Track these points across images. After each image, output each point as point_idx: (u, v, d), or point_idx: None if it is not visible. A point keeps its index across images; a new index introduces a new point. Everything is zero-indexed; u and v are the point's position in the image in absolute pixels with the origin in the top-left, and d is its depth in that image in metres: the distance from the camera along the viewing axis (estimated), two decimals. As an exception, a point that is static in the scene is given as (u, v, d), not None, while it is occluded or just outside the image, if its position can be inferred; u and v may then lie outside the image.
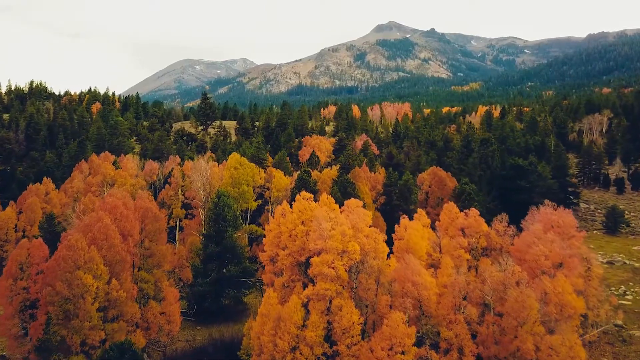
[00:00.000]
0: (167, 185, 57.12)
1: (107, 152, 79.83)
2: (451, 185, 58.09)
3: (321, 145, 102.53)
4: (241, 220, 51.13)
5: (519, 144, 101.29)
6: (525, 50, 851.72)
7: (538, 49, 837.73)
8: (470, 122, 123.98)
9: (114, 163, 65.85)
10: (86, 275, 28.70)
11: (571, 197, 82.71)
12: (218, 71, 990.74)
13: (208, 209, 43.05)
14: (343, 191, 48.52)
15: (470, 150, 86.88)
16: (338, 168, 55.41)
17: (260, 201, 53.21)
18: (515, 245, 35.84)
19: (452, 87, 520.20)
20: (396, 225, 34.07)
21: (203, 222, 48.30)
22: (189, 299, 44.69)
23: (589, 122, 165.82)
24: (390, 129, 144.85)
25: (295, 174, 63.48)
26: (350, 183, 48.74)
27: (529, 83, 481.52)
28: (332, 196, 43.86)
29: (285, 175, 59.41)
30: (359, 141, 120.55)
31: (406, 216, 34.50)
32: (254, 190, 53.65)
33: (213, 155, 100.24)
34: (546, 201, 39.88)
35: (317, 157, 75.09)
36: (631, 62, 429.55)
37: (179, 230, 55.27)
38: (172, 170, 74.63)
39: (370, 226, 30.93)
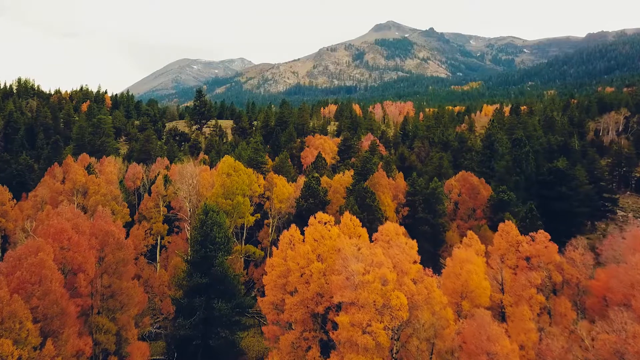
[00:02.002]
0: (146, 195, 47.79)
1: (84, 153, 70.39)
2: (485, 194, 49.00)
3: (325, 146, 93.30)
4: (235, 239, 41.98)
5: (541, 143, 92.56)
6: (525, 49, 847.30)
7: (537, 48, 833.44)
8: (493, 120, 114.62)
9: (88, 167, 56.46)
10: (3, 341, 19.44)
11: (607, 204, 74.06)
12: (216, 71, 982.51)
13: (193, 227, 33.97)
14: (361, 203, 39.38)
15: (493, 151, 77.88)
16: (353, 174, 46.27)
17: (259, 215, 43.92)
18: (599, 281, 26.79)
19: (452, 87, 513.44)
20: (448, 259, 24.89)
21: (189, 241, 39.06)
22: (168, 340, 35.48)
23: (605, 122, 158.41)
24: (398, 128, 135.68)
25: (300, 180, 54.26)
26: (369, 192, 39.60)
27: (530, 82, 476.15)
28: (347, 209, 34.74)
29: (288, 181, 50.18)
30: (365, 141, 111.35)
31: (460, 245, 25.21)
32: (251, 200, 44.45)
33: (206, 157, 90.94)
34: (630, 216, 30.85)
35: (323, 159, 66.06)
36: (632, 62, 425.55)
37: (160, 249, 46.01)
38: (157, 175, 65.42)
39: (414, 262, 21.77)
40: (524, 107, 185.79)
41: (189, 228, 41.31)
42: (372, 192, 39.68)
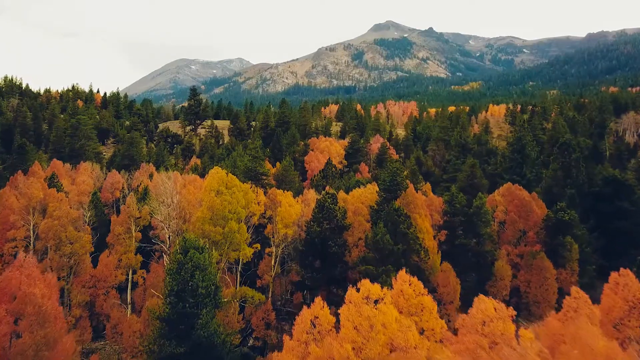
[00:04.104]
0: (113, 217, 38.01)
1: (55, 160, 60.80)
2: (539, 213, 39.53)
3: (332, 149, 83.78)
4: (227, 275, 32.43)
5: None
6: (524, 49, 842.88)
7: (537, 48, 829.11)
8: (523, 120, 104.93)
9: (52, 177, 46.68)
10: None
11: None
12: (214, 71, 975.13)
13: (167, 271, 24.44)
14: (392, 229, 29.87)
15: (524, 156, 68.56)
16: (378, 190, 36.58)
17: (258, 245, 34.20)
18: None
19: (452, 87, 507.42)
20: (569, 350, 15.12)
21: (163, 289, 29.42)
22: None
23: (625, 122, 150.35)
24: (408, 130, 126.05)
25: (308, 193, 44.70)
26: (402, 216, 30.11)
27: (530, 82, 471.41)
28: (378, 239, 25.46)
29: (294, 196, 40.62)
30: (374, 144, 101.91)
31: (564, 305, 15.47)
32: (248, 221, 34.82)
33: (198, 161, 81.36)
34: None
35: (333, 166, 56.53)
36: (634, 61, 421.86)
37: (132, 287, 36.36)
38: (139, 185, 55.85)
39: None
40: (537, 107, 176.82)
41: (168, 260, 31.75)
42: (406, 215, 30.25)
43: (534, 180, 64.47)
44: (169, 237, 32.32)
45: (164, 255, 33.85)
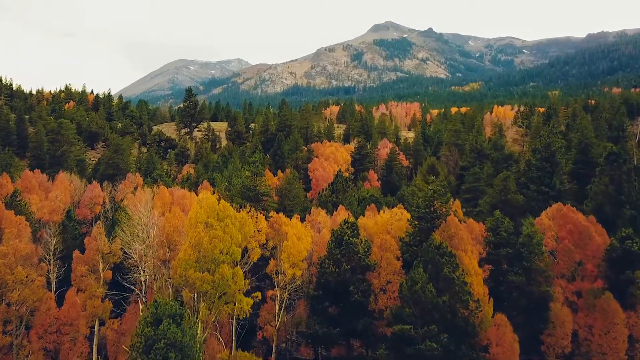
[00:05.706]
0: (75, 253, 30.63)
1: (27, 170, 53.70)
2: (600, 241, 32.52)
3: (337, 155, 76.82)
4: (219, 336, 25.35)
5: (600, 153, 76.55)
6: (524, 50, 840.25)
7: (537, 49, 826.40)
8: (551, 125, 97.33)
9: (14, 194, 39.60)
10: None
11: None
12: (212, 71, 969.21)
13: (132, 347, 17.29)
14: (434, 273, 22.88)
15: (554, 164, 61.67)
16: (410, 218, 29.11)
17: (258, 295, 26.76)
18: None
19: (452, 87, 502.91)
20: None
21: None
22: None
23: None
24: (419, 132, 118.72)
25: (318, 215, 37.61)
26: (446, 255, 23.12)
27: (531, 83, 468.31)
28: (417, 289, 18.47)
29: (301, 219, 33.52)
30: (382, 149, 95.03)
31: None
32: (244, 257, 27.70)
33: (192, 169, 74.31)
34: None
35: (344, 179, 49.37)
36: (636, 62, 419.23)
37: (98, 341, 29.18)
38: (122, 201, 48.71)
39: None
40: (551, 109, 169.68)
41: (144, 305, 24.63)
42: (450, 253, 23.28)
43: (564, 192, 57.85)
44: (144, 281, 25.33)
45: (140, 302, 26.76)
